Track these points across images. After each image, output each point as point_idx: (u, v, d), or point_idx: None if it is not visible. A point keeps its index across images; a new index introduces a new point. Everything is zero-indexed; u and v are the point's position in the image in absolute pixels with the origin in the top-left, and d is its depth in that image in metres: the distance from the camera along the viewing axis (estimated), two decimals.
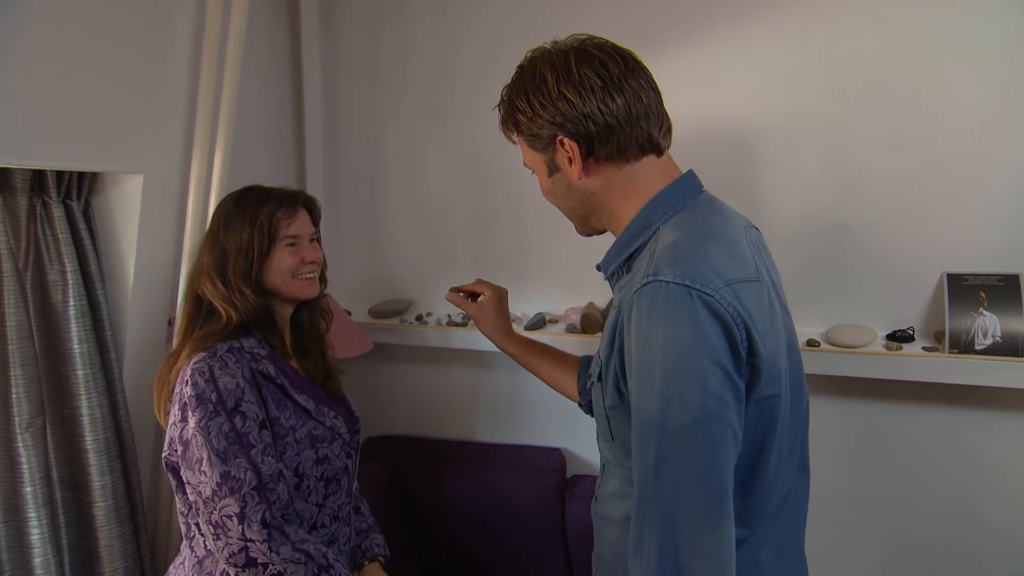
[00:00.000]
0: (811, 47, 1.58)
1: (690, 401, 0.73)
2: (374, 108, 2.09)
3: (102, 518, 1.48)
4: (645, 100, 0.86)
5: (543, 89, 0.86)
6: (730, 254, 0.81)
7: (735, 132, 1.67)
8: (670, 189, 0.89)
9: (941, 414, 1.59)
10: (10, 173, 1.36)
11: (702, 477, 0.73)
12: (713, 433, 0.73)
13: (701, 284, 0.75)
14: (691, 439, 0.73)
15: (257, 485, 1.01)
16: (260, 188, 1.23)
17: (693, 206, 0.89)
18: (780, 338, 0.83)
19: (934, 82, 1.49)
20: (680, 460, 0.73)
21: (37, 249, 1.41)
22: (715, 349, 0.74)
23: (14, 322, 1.37)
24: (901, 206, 1.55)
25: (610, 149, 0.86)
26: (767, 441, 0.83)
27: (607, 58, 0.85)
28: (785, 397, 0.84)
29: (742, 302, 0.76)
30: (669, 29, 1.70)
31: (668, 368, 0.74)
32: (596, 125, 0.84)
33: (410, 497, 2.08)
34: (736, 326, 0.75)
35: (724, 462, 0.74)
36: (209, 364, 1.06)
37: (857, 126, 1.56)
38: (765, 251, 0.95)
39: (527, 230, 1.98)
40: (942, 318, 1.49)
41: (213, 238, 1.17)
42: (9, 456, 1.38)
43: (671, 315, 0.74)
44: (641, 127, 0.86)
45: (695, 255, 0.79)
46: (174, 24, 1.50)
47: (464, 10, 1.93)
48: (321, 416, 1.17)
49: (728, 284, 0.76)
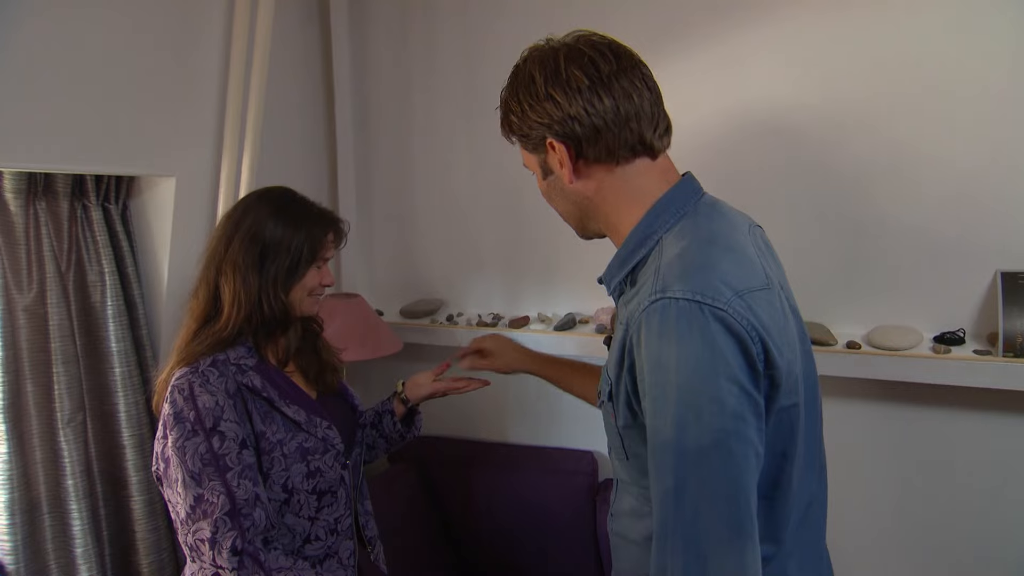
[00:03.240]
0: (853, 33, 1.51)
1: (708, 422, 0.70)
2: (403, 109, 2.10)
3: (139, 512, 1.53)
4: (636, 100, 0.81)
5: (531, 89, 0.83)
6: (739, 262, 0.77)
7: (769, 123, 1.61)
8: (670, 195, 0.85)
9: (994, 422, 1.49)
10: (53, 179, 1.42)
11: (725, 499, 0.70)
12: (734, 453, 0.70)
13: (712, 298, 0.71)
14: (711, 461, 0.70)
15: (230, 510, 0.98)
16: (302, 198, 1.21)
17: (695, 212, 0.84)
18: (794, 345, 0.79)
19: (989, 68, 1.40)
20: (700, 484, 0.70)
21: (78, 251, 1.47)
22: (731, 366, 0.70)
23: (56, 321, 1.43)
24: (950, 199, 1.46)
25: (599, 151, 0.82)
26: (788, 451, 0.79)
27: (598, 56, 0.81)
28: (803, 404, 0.80)
29: (755, 313, 0.73)
30: (696, 20, 1.65)
31: (683, 389, 0.71)
32: (582, 126, 0.81)
33: (440, 498, 2.08)
34: (752, 340, 0.71)
35: (746, 481, 0.71)
36: (189, 381, 1.03)
37: (900, 114, 1.48)
38: (769, 251, 0.91)
39: (556, 229, 1.94)
40: (995, 319, 1.40)
41: (252, 238, 1.12)
42: (52, 450, 1.44)
43: (683, 334, 0.71)
44: (631, 128, 0.82)
45: (704, 266, 0.75)
46: (203, 32, 1.55)
47: (490, 10, 1.92)
48: (312, 428, 1.13)
49: (740, 295, 0.73)
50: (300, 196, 1.21)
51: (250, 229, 1.12)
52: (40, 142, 1.26)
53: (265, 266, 1.11)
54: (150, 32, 1.42)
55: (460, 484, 2.05)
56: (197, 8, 1.52)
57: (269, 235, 1.12)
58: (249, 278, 1.10)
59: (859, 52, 1.51)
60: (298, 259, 1.13)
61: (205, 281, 1.12)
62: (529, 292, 2.03)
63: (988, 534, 1.54)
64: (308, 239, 1.14)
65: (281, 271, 1.12)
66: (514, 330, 1.91)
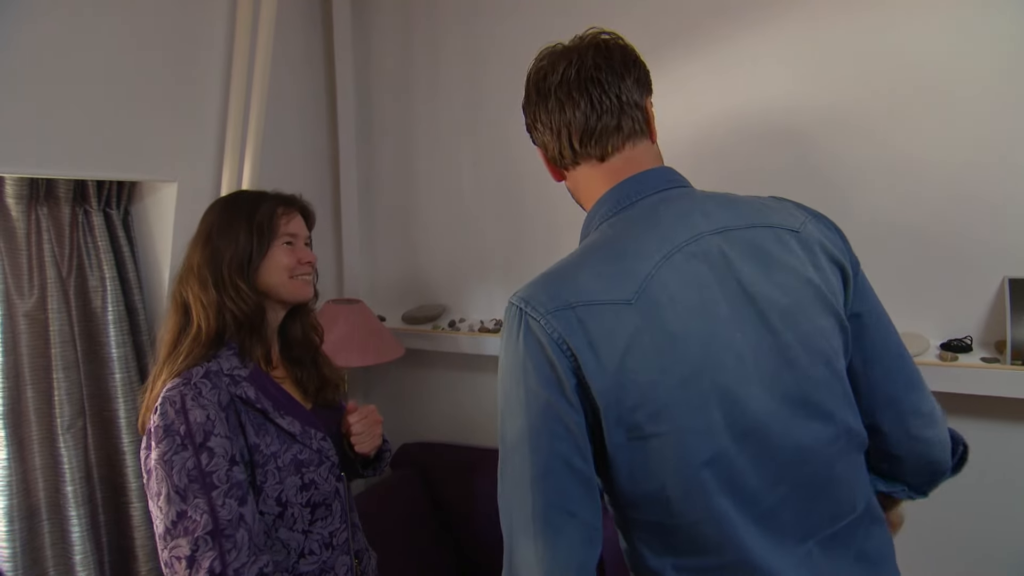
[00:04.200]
0: (855, 36, 1.50)
1: (512, 424, 0.75)
2: (406, 113, 2.10)
3: (138, 518, 1.52)
4: (569, 111, 0.83)
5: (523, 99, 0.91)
6: (605, 272, 0.75)
7: (769, 126, 1.60)
8: (605, 196, 0.85)
9: (1002, 431, 1.46)
10: (55, 184, 1.42)
11: (523, 497, 0.74)
12: (532, 459, 0.73)
13: (532, 307, 0.75)
14: (516, 455, 0.75)
15: (212, 530, 0.95)
16: (252, 191, 1.22)
17: (626, 212, 0.82)
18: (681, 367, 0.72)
19: (998, 74, 1.38)
20: (511, 476, 0.76)
21: (79, 256, 1.47)
22: (530, 375, 0.74)
23: (57, 327, 1.42)
24: (956, 205, 1.44)
25: (553, 159, 0.89)
26: (668, 483, 0.74)
27: (549, 68, 0.85)
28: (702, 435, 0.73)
29: (584, 326, 0.72)
30: (697, 24, 1.65)
31: (501, 386, 0.77)
32: (536, 138, 0.90)
33: (442, 504, 2.07)
34: (560, 353, 0.73)
35: (544, 488, 0.73)
36: (182, 393, 1.01)
37: (904, 118, 1.47)
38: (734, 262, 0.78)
39: (559, 235, 1.95)
40: (1003, 326, 1.38)
41: (204, 239, 1.12)
42: (52, 456, 1.44)
43: (507, 336, 0.77)
44: (562, 139, 0.85)
45: (555, 274, 0.78)
46: (205, 37, 1.55)
47: (493, 13, 1.92)
48: (307, 439, 1.11)
49: (571, 307, 0.73)
50: (255, 191, 1.20)
51: (201, 234, 1.14)
52: (42, 148, 1.26)
53: (218, 260, 1.10)
54: (152, 38, 1.43)
55: (461, 490, 2.03)
56: (199, 13, 1.52)
57: (216, 231, 1.12)
58: (205, 277, 1.09)
59: (862, 55, 1.50)
60: (251, 242, 1.11)
61: (174, 304, 1.12)
62: None
63: (995, 544, 1.51)
64: (257, 221, 1.12)
65: (235, 260, 1.10)
66: None
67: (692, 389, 0.73)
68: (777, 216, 0.83)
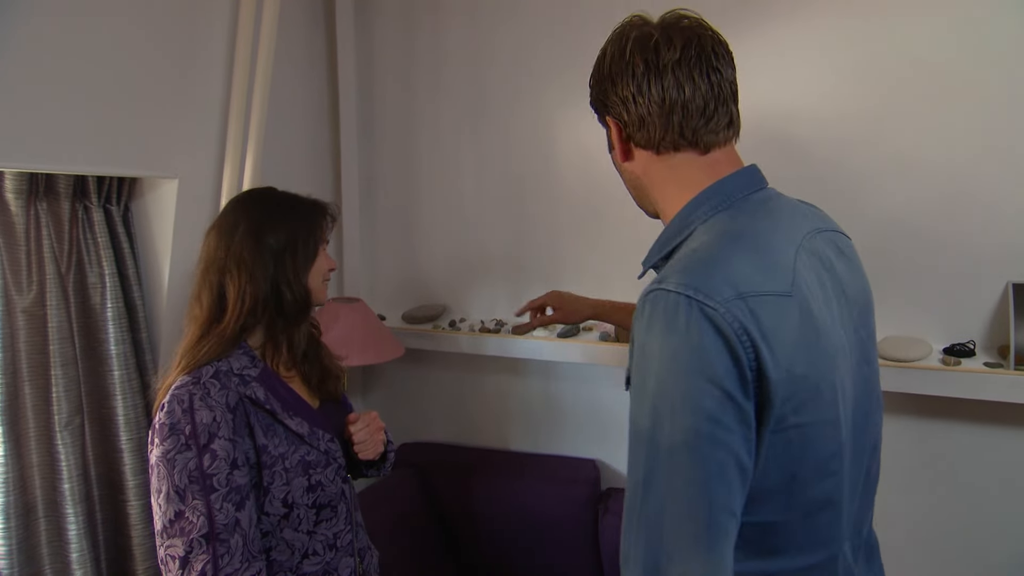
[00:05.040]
0: (857, 40, 1.49)
1: (680, 421, 0.68)
2: (408, 111, 2.09)
3: (136, 516, 1.51)
4: (688, 92, 0.79)
5: (600, 66, 0.86)
6: (759, 264, 0.74)
7: (777, 131, 1.59)
8: (714, 187, 0.82)
9: (1005, 436, 1.46)
10: (54, 179, 1.41)
11: (690, 502, 0.68)
12: (705, 457, 0.68)
13: (706, 295, 0.69)
14: (680, 460, 0.68)
15: (207, 533, 0.96)
16: (280, 191, 1.21)
17: (740, 206, 0.81)
18: (821, 361, 0.74)
19: (1001, 78, 1.38)
20: (668, 482, 0.68)
21: (79, 252, 1.46)
22: (712, 367, 0.68)
23: (55, 323, 1.41)
24: (961, 209, 1.44)
25: (642, 136, 0.83)
26: (799, 475, 0.74)
27: (664, 43, 0.80)
28: (832, 426, 0.75)
29: (757, 318, 0.69)
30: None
31: (661, 382, 0.69)
32: (628, 112, 0.82)
33: (440, 505, 2.06)
34: (742, 345, 0.68)
35: (716, 489, 0.68)
36: (190, 392, 1.01)
37: (907, 123, 1.47)
38: (839, 261, 0.84)
39: (560, 236, 1.94)
40: (1006, 331, 1.38)
41: (252, 233, 1.10)
42: (49, 453, 1.43)
43: (669, 327, 0.69)
44: (674, 120, 0.80)
45: (712, 262, 0.73)
46: (207, 35, 1.54)
47: (495, 12, 1.91)
48: (315, 440, 1.12)
49: (742, 297, 0.70)
50: (283, 191, 1.21)
51: (249, 228, 1.11)
52: (42, 143, 1.25)
53: (279, 260, 1.11)
54: (154, 32, 1.42)
55: (461, 491, 2.03)
56: (202, 7, 1.51)
57: (271, 229, 1.12)
58: (257, 273, 1.09)
59: (864, 58, 1.50)
60: (311, 246, 1.15)
61: (208, 286, 1.10)
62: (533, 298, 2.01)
63: (996, 548, 1.51)
64: (307, 224, 1.15)
65: (298, 261, 1.12)
66: (517, 336, 1.90)
67: (827, 383, 0.74)
68: (833, 222, 0.90)
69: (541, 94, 1.89)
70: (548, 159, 1.91)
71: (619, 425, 1.99)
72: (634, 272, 1.85)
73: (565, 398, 2.04)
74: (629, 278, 1.76)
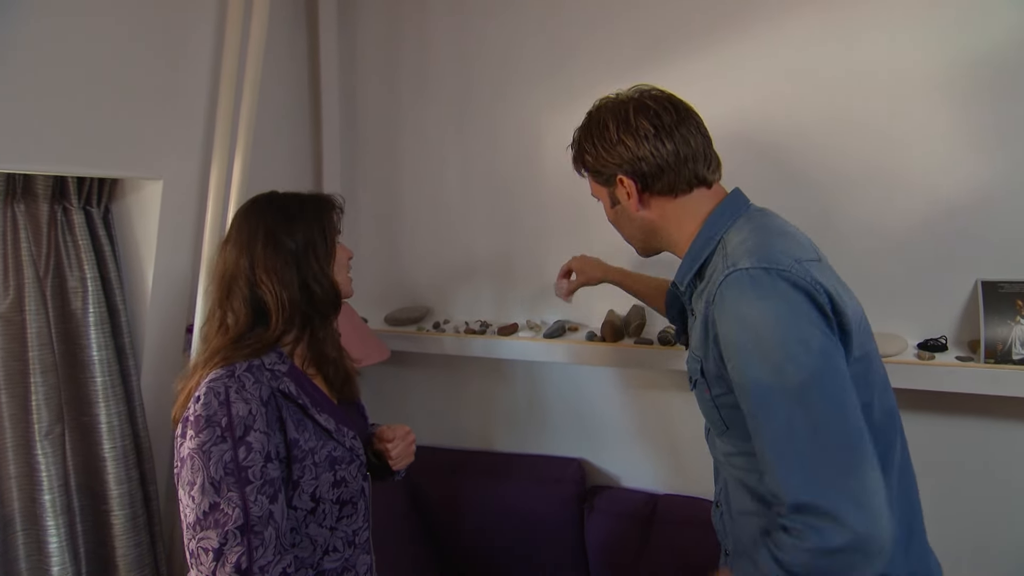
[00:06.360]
0: (832, 49, 1.55)
1: (802, 361, 0.81)
2: (392, 114, 2.08)
3: (119, 527, 1.47)
4: (693, 144, 1.00)
5: (605, 135, 1.02)
6: (791, 242, 0.93)
7: (755, 136, 1.64)
8: (722, 206, 1.02)
9: (976, 427, 1.54)
10: (32, 180, 1.36)
11: (836, 425, 0.80)
12: (830, 382, 0.81)
13: (776, 263, 0.86)
14: (812, 393, 0.80)
15: (242, 525, 0.96)
16: (283, 193, 1.21)
17: (748, 214, 1.02)
18: (857, 308, 0.93)
19: (967, 84, 1.45)
20: (809, 416, 0.80)
21: (57, 256, 1.41)
22: (808, 313, 0.84)
23: (34, 329, 1.37)
24: (932, 210, 1.51)
25: (662, 185, 1.01)
26: (869, 402, 0.90)
27: (661, 109, 1.00)
28: (875, 356, 0.95)
29: (815, 274, 0.87)
30: (688, 30, 1.68)
31: (772, 340, 0.83)
32: (648, 166, 1.00)
33: (425, 507, 2.05)
34: (817, 291, 0.85)
35: (850, 404, 0.81)
36: (226, 384, 1.01)
37: (886, 127, 1.52)
38: None
39: (545, 237, 1.96)
40: (976, 326, 1.45)
41: (270, 239, 1.11)
42: (28, 464, 1.38)
43: (760, 295, 0.85)
44: (689, 167, 1.00)
45: (763, 244, 0.90)
46: (194, 31, 1.51)
47: (481, 14, 1.92)
48: (341, 437, 1.13)
49: (798, 262, 0.87)
50: (285, 192, 1.22)
51: (267, 235, 1.13)
52: (21, 142, 1.21)
53: (302, 260, 1.13)
54: (139, 30, 1.38)
55: (446, 492, 2.03)
56: (189, 6, 1.47)
57: (286, 231, 1.13)
58: (287, 277, 1.11)
59: (839, 69, 1.55)
60: (327, 243, 1.17)
61: (239, 298, 1.10)
62: (518, 299, 2.02)
63: (967, 534, 1.58)
64: (319, 220, 1.17)
65: (320, 257, 1.14)
66: (503, 338, 1.91)
67: (865, 321, 0.95)
68: None
69: (526, 95, 1.90)
70: (533, 160, 1.92)
71: (604, 424, 2.02)
72: None
73: (550, 398, 2.05)
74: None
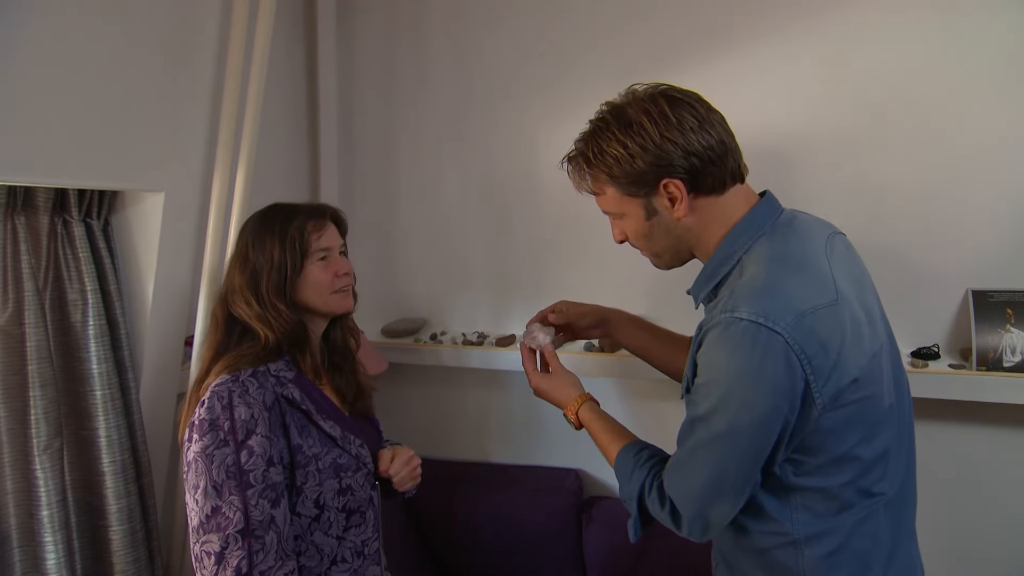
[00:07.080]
0: (830, 62, 1.59)
1: (732, 417, 0.84)
2: (389, 127, 2.09)
3: (118, 542, 1.45)
4: (729, 136, 0.95)
5: (643, 134, 0.90)
6: (807, 281, 0.87)
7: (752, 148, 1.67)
8: (748, 217, 0.95)
9: (969, 433, 1.57)
10: (33, 192, 1.35)
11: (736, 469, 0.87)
12: (745, 442, 0.85)
13: (773, 321, 0.82)
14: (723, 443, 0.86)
15: (243, 529, 0.97)
16: (284, 204, 1.23)
17: (772, 230, 0.94)
18: (867, 349, 0.89)
19: (961, 96, 1.49)
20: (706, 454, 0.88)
21: (57, 268, 1.40)
22: (772, 379, 0.82)
23: (34, 342, 1.35)
24: (924, 221, 1.55)
25: (712, 183, 0.93)
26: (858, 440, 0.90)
27: (691, 99, 0.93)
28: (883, 397, 0.91)
29: (816, 334, 0.83)
30: (686, 43, 1.71)
31: (726, 387, 0.84)
32: (701, 161, 0.91)
33: (423, 519, 2.05)
34: (801, 363, 0.82)
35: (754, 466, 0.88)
36: (229, 389, 1.03)
37: (879, 140, 1.56)
38: (848, 258, 1.00)
39: (542, 248, 1.98)
40: (968, 335, 1.48)
41: (243, 258, 1.15)
42: (26, 479, 1.36)
43: (738, 346, 0.83)
44: (732, 157, 0.94)
45: (772, 288, 0.86)
46: (196, 44, 1.51)
47: (479, 26, 1.94)
48: (347, 444, 1.13)
49: (803, 315, 0.83)
50: (284, 204, 1.21)
51: (239, 253, 1.16)
52: (22, 154, 1.20)
53: (257, 281, 1.13)
54: (141, 43, 1.38)
55: (443, 504, 2.02)
56: (192, 16, 1.48)
57: (252, 250, 1.14)
58: (248, 298, 1.13)
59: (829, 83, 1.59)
60: (285, 261, 1.13)
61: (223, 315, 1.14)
62: (515, 310, 2.03)
63: (961, 540, 1.61)
64: (289, 239, 1.14)
65: (272, 283, 1.12)
66: (500, 349, 1.92)
67: (875, 362, 0.90)
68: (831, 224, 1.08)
69: (523, 107, 1.92)
70: (530, 172, 1.94)
71: None
72: (616, 284, 1.91)
73: (547, 409, 2.04)
74: (612, 289, 1.81)
